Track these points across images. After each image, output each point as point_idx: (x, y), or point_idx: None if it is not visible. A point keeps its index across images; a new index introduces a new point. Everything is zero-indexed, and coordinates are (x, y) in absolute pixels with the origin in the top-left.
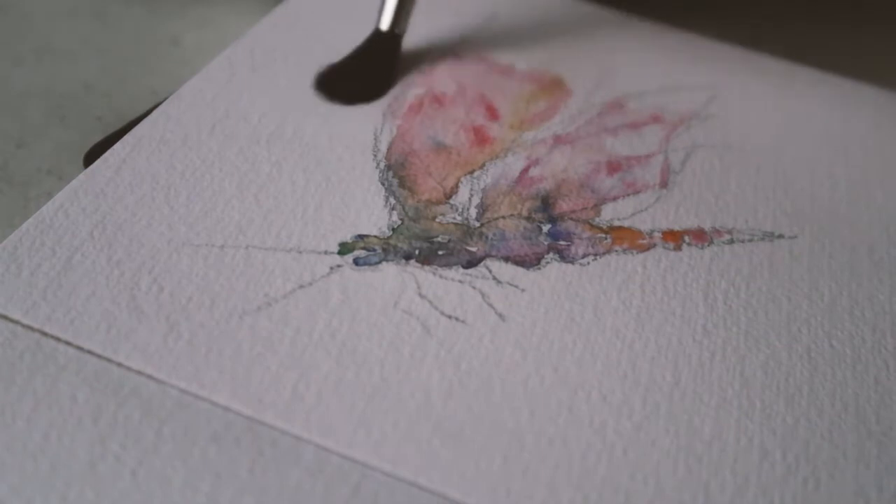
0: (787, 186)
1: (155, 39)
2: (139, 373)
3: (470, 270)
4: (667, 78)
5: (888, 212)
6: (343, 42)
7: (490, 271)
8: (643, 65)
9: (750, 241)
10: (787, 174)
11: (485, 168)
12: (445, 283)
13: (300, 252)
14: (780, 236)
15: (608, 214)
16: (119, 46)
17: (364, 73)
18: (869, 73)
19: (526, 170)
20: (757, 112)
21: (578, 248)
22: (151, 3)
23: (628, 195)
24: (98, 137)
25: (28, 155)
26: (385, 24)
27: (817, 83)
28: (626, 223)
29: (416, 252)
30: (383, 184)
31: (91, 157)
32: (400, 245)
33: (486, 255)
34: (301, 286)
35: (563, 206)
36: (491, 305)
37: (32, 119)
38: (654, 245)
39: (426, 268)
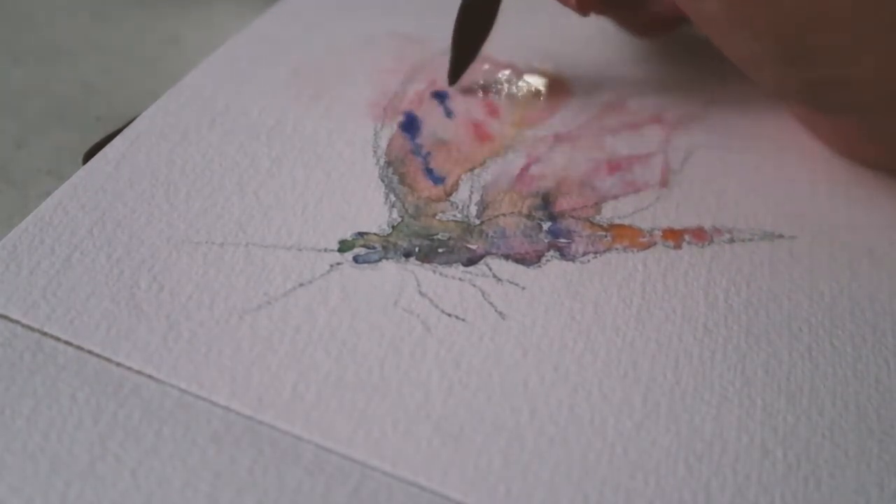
0: (787, 187)
1: (155, 39)
2: (139, 373)
3: (470, 268)
4: (667, 78)
5: (887, 212)
6: (343, 36)
7: (490, 269)
8: (644, 65)
9: (750, 240)
10: (786, 174)
11: (485, 165)
12: (445, 281)
13: (300, 250)
14: (780, 236)
15: (608, 213)
16: (119, 46)
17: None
18: None
19: (526, 167)
20: (756, 113)
21: (579, 246)
22: (151, 3)
23: (628, 194)
24: (98, 137)
25: (28, 155)
26: None
27: None
28: (626, 221)
29: (417, 250)
30: (383, 181)
31: (90, 157)
32: (400, 243)
33: (487, 253)
34: (301, 284)
35: (564, 204)
36: (491, 303)
37: (32, 119)
38: (655, 243)
39: (426, 265)
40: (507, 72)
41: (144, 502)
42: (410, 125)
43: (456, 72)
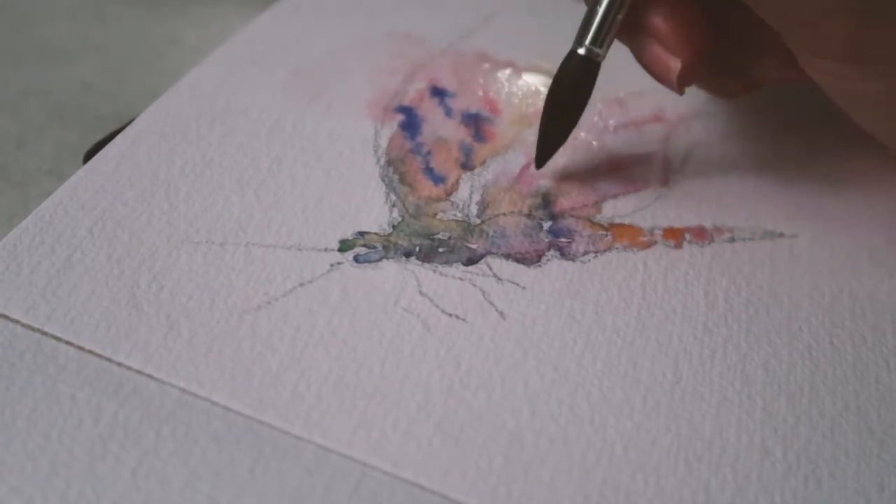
0: (788, 186)
1: (155, 39)
2: (139, 373)
3: (470, 268)
4: None
5: (888, 211)
6: (343, 36)
7: (490, 269)
8: None
9: (751, 239)
10: (787, 173)
11: (486, 164)
12: (446, 281)
13: (300, 249)
14: (781, 235)
15: (609, 212)
16: (119, 46)
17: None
18: None
19: (526, 167)
20: (756, 111)
21: (579, 246)
22: (151, 2)
23: (629, 193)
24: (98, 137)
25: (28, 155)
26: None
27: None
28: (626, 221)
29: (417, 249)
30: (384, 180)
31: (90, 157)
32: (400, 242)
33: (487, 253)
34: (301, 284)
35: (564, 203)
36: (491, 303)
37: (32, 119)
38: (655, 243)
39: (426, 265)
40: (507, 71)
41: (144, 502)
42: (410, 124)
43: (543, 157)
